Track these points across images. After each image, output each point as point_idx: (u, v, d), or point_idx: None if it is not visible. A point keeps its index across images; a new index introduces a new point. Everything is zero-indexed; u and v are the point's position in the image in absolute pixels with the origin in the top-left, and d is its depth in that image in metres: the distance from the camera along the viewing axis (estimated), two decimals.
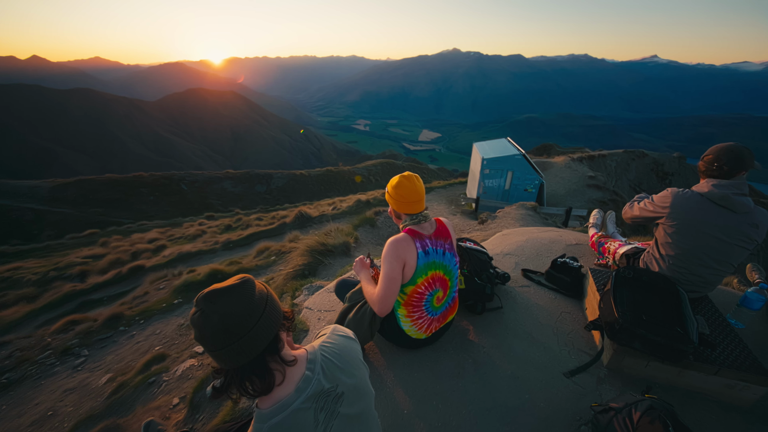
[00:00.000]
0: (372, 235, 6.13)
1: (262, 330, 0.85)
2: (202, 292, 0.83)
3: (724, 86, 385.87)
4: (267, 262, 5.76)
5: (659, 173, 22.46)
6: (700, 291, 2.11)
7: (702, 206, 1.91)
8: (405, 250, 1.66)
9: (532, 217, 6.81)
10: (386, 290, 1.64)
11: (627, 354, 1.89)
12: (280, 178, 28.05)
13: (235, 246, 7.81)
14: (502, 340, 2.16)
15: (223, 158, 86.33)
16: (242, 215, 12.72)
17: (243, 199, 24.65)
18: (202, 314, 0.81)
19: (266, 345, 0.87)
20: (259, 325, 0.84)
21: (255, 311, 0.85)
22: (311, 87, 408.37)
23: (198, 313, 0.82)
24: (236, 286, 0.84)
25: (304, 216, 8.34)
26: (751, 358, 1.81)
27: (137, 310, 4.53)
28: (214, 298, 0.82)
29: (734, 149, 1.89)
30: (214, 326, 0.80)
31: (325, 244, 4.66)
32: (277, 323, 0.90)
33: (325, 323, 2.52)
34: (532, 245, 3.39)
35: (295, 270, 4.21)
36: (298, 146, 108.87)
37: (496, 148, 13.33)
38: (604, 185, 15.05)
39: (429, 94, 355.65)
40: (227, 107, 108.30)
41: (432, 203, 11.70)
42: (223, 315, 0.81)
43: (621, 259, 2.51)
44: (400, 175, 1.74)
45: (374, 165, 33.13)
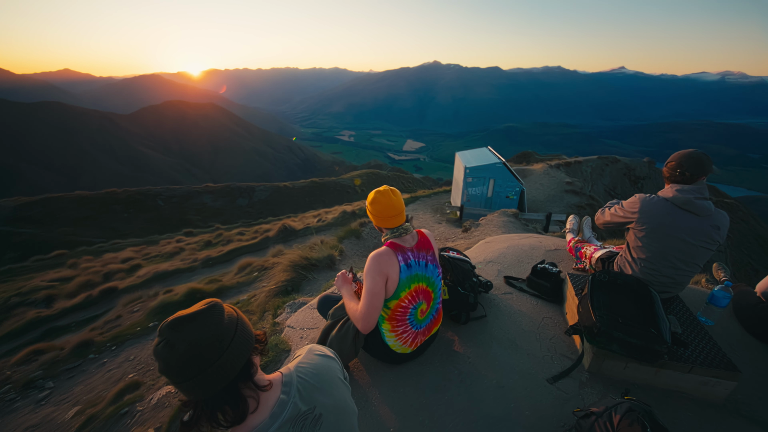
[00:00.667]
0: (357, 247, 6.08)
1: (234, 356, 0.82)
2: (166, 321, 0.79)
3: (685, 95, 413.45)
4: (249, 278, 5.61)
5: (632, 177, 23.56)
6: (670, 291, 2.20)
7: (668, 211, 2.01)
8: (387, 264, 1.65)
9: (514, 223, 6.95)
10: (369, 306, 1.62)
11: (606, 357, 1.93)
12: (262, 190, 27.60)
13: (215, 263, 7.57)
14: (487, 349, 2.16)
15: (202, 172, 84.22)
16: (223, 230, 12.39)
17: (224, 213, 24.03)
18: (167, 344, 0.76)
19: (238, 371, 0.83)
20: (229, 350, 0.81)
21: (225, 336, 0.81)
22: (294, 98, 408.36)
23: (162, 343, 0.77)
24: (203, 312, 0.80)
25: (288, 229, 8.21)
26: (721, 355, 1.88)
27: (109, 336, 4.29)
28: (180, 326, 0.77)
29: (694, 156, 2.01)
30: (180, 356, 0.76)
31: (309, 258, 4.57)
32: (249, 347, 0.87)
33: (308, 342, 2.46)
34: (514, 252, 3.46)
35: (277, 287, 4.11)
36: (282, 158, 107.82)
37: (478, 157, 13.66)
38: (581, 190, 15.62)
39: (412, 105, 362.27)
40: (207, 119, 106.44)
41: (418, 212, 11.78)
42: (190, 343, 0.76)
43: (597, 263, 2.59)
44: (375, 191, 1.73)
45: (359, 175, 33.21)
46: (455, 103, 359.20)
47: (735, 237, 22.46)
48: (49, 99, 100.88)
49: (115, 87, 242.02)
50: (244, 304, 4.50)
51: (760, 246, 22.69)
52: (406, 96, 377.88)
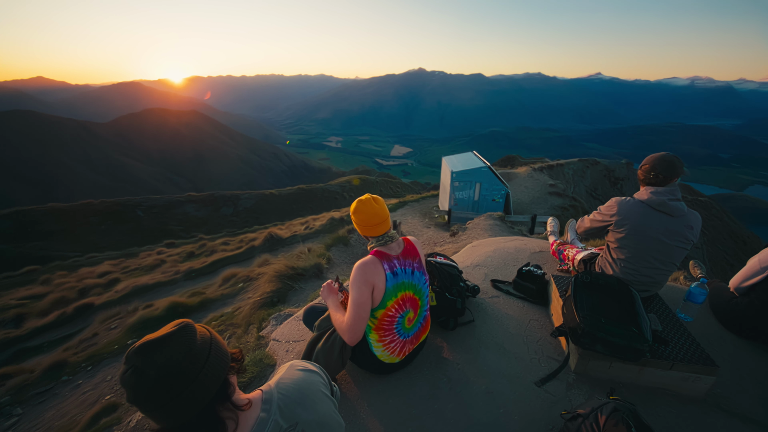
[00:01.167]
0: (346, 254, 6.01)
1: (209, 378, 0.78)
2: (134, 346, 0.74)
3: (658, 99, 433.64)
4: (234, 290, 5.47)
5: (611, 178, 24.37)
6: (650, 290, 2.26)
7: (643, 212, 2.08)
8: (373, 273, 1.63)
9: (500, 226, 7.05)
10: (355, 317, 1.59)
11: (591, 357, 1.95)
12: (248, 198, 27.14)
13: (198, 275, 7.37)
14: (476, 354, 2.16)
15: (185, 181, 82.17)
16: (206, 240, 12.09)
17: (207, 223, 23.46)
18: (135, 371, 0.72)
19: (214, 393, 0.80)
20: (204, 372, 0.77)
21: (198, 358, 0.77)
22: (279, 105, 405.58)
23: (130, 371, 0.72)
24: (173, 334, 0.77)
25: (274, 238, 8.07)
26: (700, 351, 1.93)
27: (84, 355, 4.09)
28: (149, 351, 0.73)
29: (667, 159, 2.08)
30: (151, 383, 0.72)
31: (295, 267, 4.49)
32: (224, 367, 0.83)
33: (294, 355, 2.40)
34: (500, 255, 3.49)
35: (262, 298, 4.01)
36: (268, 165, 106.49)
37: (464, 161, 13.86)
38: (564, 192, 16.03)
39: (398, 111, 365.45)
40: (189, 127, 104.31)
41: (406, 217, 11.81)
42: (161, 368, 0.72)
43: (579, 265, 2.64)
44: (357, 200, 1.71)
45: (347, 181, 33.13)
46: (441, 108, 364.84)
47: (710, 233, 23.45)
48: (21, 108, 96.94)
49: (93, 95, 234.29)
50: (228, 317, 4.38)
51: (734, 242, 23.74)
52: (393, 102, 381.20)
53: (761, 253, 2.22)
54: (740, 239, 24.15)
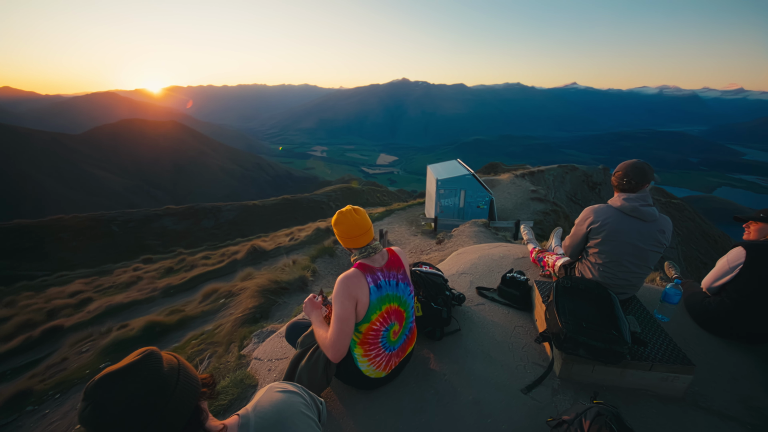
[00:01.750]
0: (331, 265, 5.92)
1: (179, 406, 0.74)
2: (93, 380, 0.69)
3: (631, 107, 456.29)
4: (215, 306, 5.29)
5: (589, 183, 25.23)
6: (627, 292, 2.33)
7: (617, 218, 2.16)
8: (356, 286, 1.60)
9: (484, 233, 7.14)
10: (339, 333, 1.56)
11: (575, 362, 1.98)
12: (230, 210, 26.52)
13: (177, 291, 7.10)
14: (463, 364, 2.15)
15: (163, 193, 79.60)
16: (186, 255, 11.69)
17: (187, 236, 22.73)
18: (95, 408, 0.66)
19: (185, 422, 0.75)
20: (173, 400, 0.73)
21: (166, 386, 0.73)
22: (262, 115, 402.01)
23: (89, 408, 0.66)
24: (137, 363, 0.72)
25: (257, 250, 7.89)
26: (677, 351, 1.99)
27: (52, 383, 3.83)
28: (110, 384, 0.68)
29: (638, 166, 2.17)
30: (113, 419, 0.66)
31: (279, 281, 4.38)
32: (195, 394, 0.79)
33: (276, 374, 2.31)
34: (485, 262, 3.52)
35: (244, 315, 3.88)
36: (251, 175, 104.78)
37: (448, 169, 14.04)
38: (545, 197, 16.45)
39: (384, 120, 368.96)
40: (168, 138, 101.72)
41: (393, 225, 11.81)
42: (124, 402, 0.67)
43: (560, 271, 2.69)
44: (338, 212, 1.70)
45: (333, 190, 32.93)
46: (425, 117, 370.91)
47: (684, 234, 24.53)
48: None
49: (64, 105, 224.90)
50: (209, 336, 4.22)
51: (706, 241, 24.90)
52: (378, 111, 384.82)
53: (729, 254, 2.32)
54: (712, 238, 25.36)
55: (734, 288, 2.24)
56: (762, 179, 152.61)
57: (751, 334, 2.27)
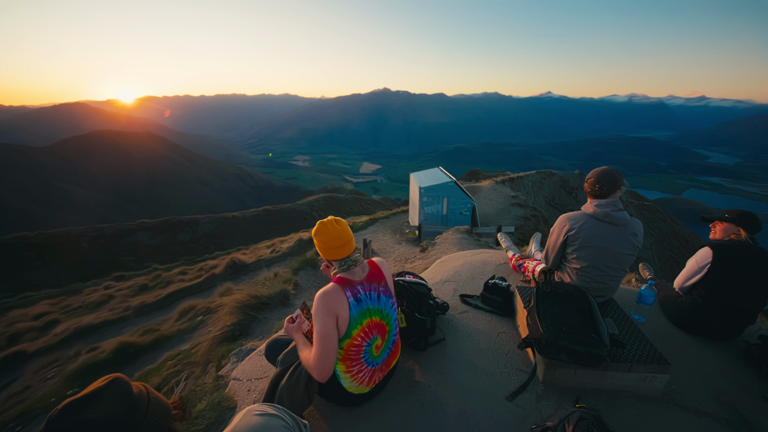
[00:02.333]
0: (314, 277, 5.80)
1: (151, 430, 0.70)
2: (57, 408, 0.65)
3: (602, 114, 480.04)
4: (192, 324, 5.06)
5: (566, 188, 26.13)
6: (605, 295, 2.39)
7: (591, 224, 2.24)
8: (335, 302, 1.57)
9: (467, 239, 7.22)
10: (322, 350, 1.52)
11: (557, 366, 2.00)
12: (208, 223, 25.69)
13: (152, 310, 6.77)
14: (448, 373, 2.13)
15: (137, 207, 76.30)
16: (161, 271, 11.21)
17: (163, 251, 21.81)
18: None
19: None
20: (145, 425, 0.69)
21: (136, 410, 0.69)
22: (242, 125, 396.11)
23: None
24: (103, 389, 0.69)
25: (237, 264, 7.66)
26: (653, 350, 2.05)
27: (13, 414, 3.54)
28: (76, 411, 0.64)
29: (609, 173, 2.26)
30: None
31: (259, 296, 4.24)
32: (165, 417, 0.75)
33: (256, 395, 2.22)
34: (468, 269, 3.54)
35: (222, 332, 3.72)
36: (230, 186, 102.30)
37: (430, 177, 14.20)
38: (525, 203, 16.87)
39: (366, 129, 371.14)
40: (142, 150, 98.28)
41: (378, 234, 11.78)
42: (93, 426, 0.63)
43: (539, 276, 2.74)
44: (319, 222, 1.69)
45: (317, 200, 32.60)
46: (407, 126, 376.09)
47: (657, 235, 25.71)
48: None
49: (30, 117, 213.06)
50: (185, 355, 4.03)
51: (678, 241, 26.18)
52: (360, 120, 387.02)
53: (697, 254, 2.42)
54: (683, 238, 26.70)
55: (704, 287, 2.34)
56: (726, 181, 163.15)
57: (721, 330, 2.37)
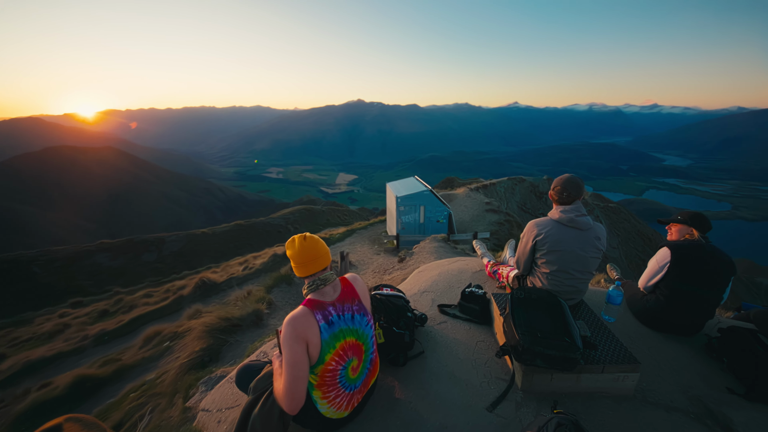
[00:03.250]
0: (289, 295, 5.58)
1: None
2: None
3: (566, 122, 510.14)
4: (157, 351, 4.72)
5: (536, 193, 27.24)
6: (575, 298, 2.47)
7: (557, 229, 2.31)
8: (304, 327, 1.49)
9: (444, 248, 7.28)
10: (292, 379, 1.44)
11: (534, 372, 2.01)
12: (175, 241, 24.38)
13: (113, 337, 6.27)
14: (428, 388, 2.09)
15: (97, 227, 71.22)
16: (124, 295, 10.45)
17: (125, 273, 20.41)
18: None
19: None
20: None
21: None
22: (211, 138, 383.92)
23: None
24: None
25: (207, 283, 7.28)
26: (624, 350, 2.10)
27: None
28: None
29: (574, 180, 2.36)
30: None
31: (230, 317, 4.01)
32: None
33: (227, 426, 2.07)
34: (445, 278, 3.54)
35: (190, 359, 3.48)
36: (199, 202, 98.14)
37: (407, 186, 14.33)
38: (499, 209, 17.38)
39: (341, 140, 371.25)
40: (103, 165, 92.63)
41: (356, 245, 11.66)
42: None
43: (513, 282, 2.78)
44: (291, 238, 1.66)
45: (292, 213, 31.93)
46: (382, 136, 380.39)
47: (623, 235, 27.20)
48: None
49: None
50: (150, 386, 3.72)
51: (642, 240, 27.81)
52: (335, 131, 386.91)
53: (657, 254, 2.55)
54: (646, 237, 28.41)
55: (665, 285, 2.46)
56: (681, 181, 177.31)
57: (684, 326, 2.49)
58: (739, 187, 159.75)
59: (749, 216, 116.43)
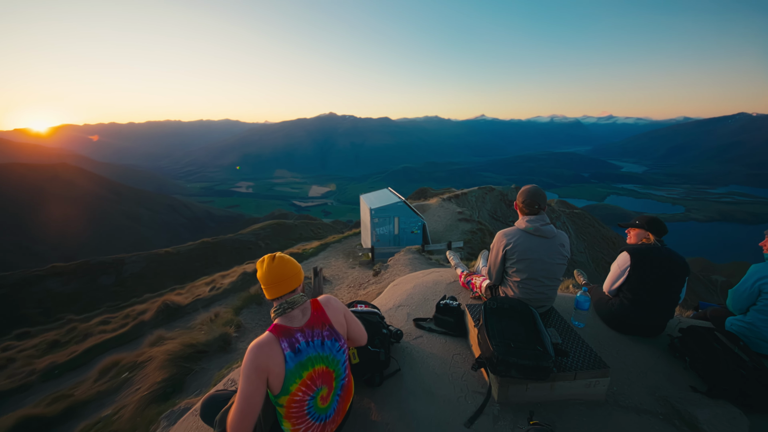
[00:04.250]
0: (260, 316, 5.31)
1: None
2: None
3: (530, 133, 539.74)
4: (115, 383, 4.30)
5: (506, 201, 28.26)
6: (546, 305, 2.52)
7: (525, 239, 2.38)
8: (267, 357, 1.40)
9: (419, 259, 7.30)
10: (239, 413, 1.35)
11: (510, 383, 2.00)
12: (135, 262, 22.77)
13: (64, 371, 5.68)
14: (405, 407, 2.02)
15: (48, 249, 65.19)
16: (78, 322, 9.55)
17: (80, 299, 18.74)
18: None
19: None
20: None
21: None
22: (176, 153, 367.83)
23: None
24: None
25: (170, 307, 6.81)
26: (594, 356, 2.15)
27: None
28: None
29: (539, 192, 2.44)
30: None
31: (195, 343, 3.73)
32: None
33: None
34: (420, 291, 3.52)
35: (151, 391, 3.19)
36: (162, 219, 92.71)
37: (380, 198, 14.37)
38: (471, 218, 17.82)
39: (314, 153, 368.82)
40: (56, 183, 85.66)
41: (330, 260, 11.44)
42: None
43: (486, 292, 2.80)
44: (262, 257, 1.58)
45: (262, 228, 30.96)
46: (355, 148, 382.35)
47: (588, 239, 28.67)
48: None
49: None
50: (106, 423, 3.37)
51: (606, 244, 29.42)
52: (307, 144, 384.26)
53: (618, 259, 2.67)
54: (610, 240, 30.10)
55: (628, 288, 2.57)
56: (638, 187, 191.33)
57: (647, 327, 2.59)
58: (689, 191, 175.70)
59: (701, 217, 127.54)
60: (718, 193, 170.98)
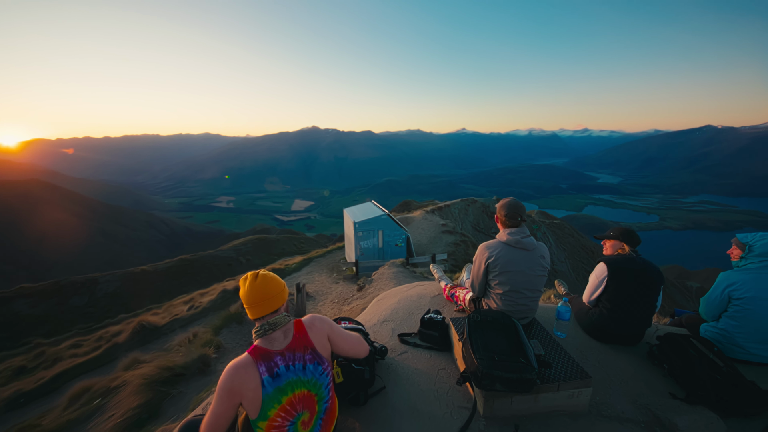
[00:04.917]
0: (240, 335, 5.11)
1: None
2: None
3: (509, 146, 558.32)
4: (87, 411, 4.01)
5: (488, 213, 28.80)
6: (528, 316, 2.55)
7: (506, 251, 2.42)
8: (242, 380, 1.36)
9: (403, 272, 7.29)
10: (208, 428, 1.35)
11: (495, 397, 2.00)
12: (109, 281, 21.64)
13: (31, 399, 5.29)
14: (390, 426, 1.98)
15: (15, 269, 61.59)
16: (46, 346, 8.93)
17: (49, 321, 17.60)
18: None
19: None
20: None
21: None
22: (154, 167, 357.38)
23: None
24: None
25: (146, 327, 6.48)
26: (576, 366, 2.17)
27: None
28: None
29: (518, 205, 2.50)
30: None
31: (171, 366, 3.56)
32: None
33: None
34: (404, 305, 3.50)
35: (125, 418, 3.00)
36: (139, 237, 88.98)
37: (364, 211, 14.36)
38: (454, 230, 18.02)
39: (296, 166, 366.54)
40: (25, 201, 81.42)
41: (313, 274, 11.25)
42: None
43: (470, 304, 2.83)
44: (244, 275, 1.55)
45: (243, 243, 30.23)
46: (338, 162, 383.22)
47: (569, 249, 29.41)
48: None
49: None
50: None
51: (586, 253, 30.24)
52: (290, 158, 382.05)
53: (595, 269, 2.75)
54: (589, 250, 30.98)
55: (606, 298, 2.64)
56: (614, 197, 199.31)
57: (627, 336, 2.65)
58: (663, 201, 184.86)
59: (675, 226, 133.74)
60: (689, 202, 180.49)
